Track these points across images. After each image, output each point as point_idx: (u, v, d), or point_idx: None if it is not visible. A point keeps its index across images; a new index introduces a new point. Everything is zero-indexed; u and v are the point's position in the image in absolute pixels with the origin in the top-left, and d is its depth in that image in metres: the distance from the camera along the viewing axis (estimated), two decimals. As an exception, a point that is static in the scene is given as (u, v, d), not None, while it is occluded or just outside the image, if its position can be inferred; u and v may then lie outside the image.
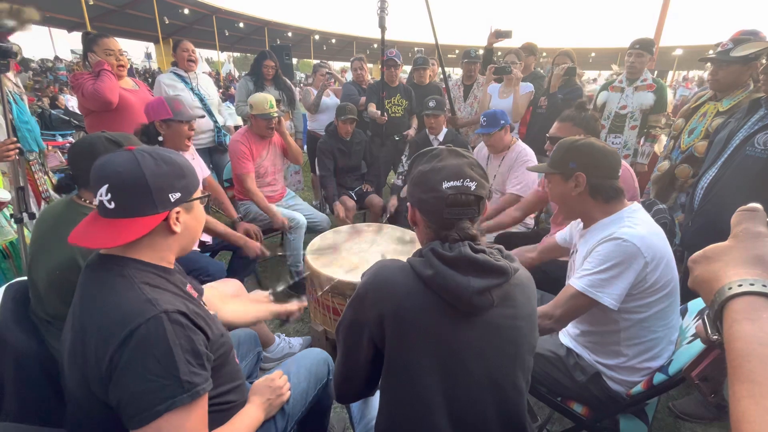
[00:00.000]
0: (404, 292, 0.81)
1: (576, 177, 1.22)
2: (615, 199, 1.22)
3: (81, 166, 1.28)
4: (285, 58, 4.88)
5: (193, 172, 0.91)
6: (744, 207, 0.48)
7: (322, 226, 2.73)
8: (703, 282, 0.47)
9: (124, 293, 0.78)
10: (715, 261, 0.46)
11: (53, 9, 15.89)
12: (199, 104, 3.08)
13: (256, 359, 1.44)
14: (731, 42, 1.98)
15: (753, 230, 0.45)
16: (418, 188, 0.86)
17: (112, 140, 1.28)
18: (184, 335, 0.77)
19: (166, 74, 3.16)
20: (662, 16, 6.88)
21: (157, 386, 0.72)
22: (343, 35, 33.75)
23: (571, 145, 1.25)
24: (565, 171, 1.24)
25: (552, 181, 1.31)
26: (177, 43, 3.11)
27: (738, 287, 0.40)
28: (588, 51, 31.65)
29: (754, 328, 0.37)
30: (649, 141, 2.87)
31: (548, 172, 1.30)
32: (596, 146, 1.22)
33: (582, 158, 1.22)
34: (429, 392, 0.81)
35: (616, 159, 1.22)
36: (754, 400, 0.33)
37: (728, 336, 0.39)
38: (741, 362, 0.36)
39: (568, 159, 1.24)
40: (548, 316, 1.20)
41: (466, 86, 3.51)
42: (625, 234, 1.13)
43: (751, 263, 0.43)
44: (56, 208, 1.30)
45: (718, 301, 0.42)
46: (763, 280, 0.40)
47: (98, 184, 0.81)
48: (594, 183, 1.21)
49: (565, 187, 1.26)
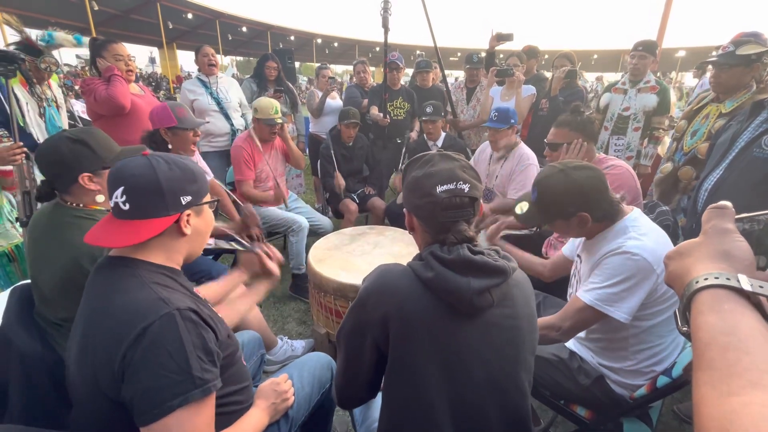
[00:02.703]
0: (406, 294, 0.82)
1: (579, 217, 1.17)
2: (614, 211, 1.20)
3: (52, 171, 1.23)
4: (287, 61, 4.90)
5: (203, 177, 0.94)
6: (714, 205, 0.50)
7: (324, 229, 2.74)
8: (676, 277, 0.49)
9: (136, 292, 0.79)
10: (687, 257, 0.48)
11: (59, 14, 16.04)
12: (216, 107, 3.12)
13: (260, 361, 1.45)
14: (732, 44, 1.97)
15: (721, 227, 0.47)
16: (412, 194, 0.87)
17: (75, 139, 1.21)
18: (195, 332, 0.79)
19: (190, 80, 3.24)
20: (665, 18, 6.88)
21: (170, 382, 0.73)
22: (345, 39, 33.91)
23: (556, 190, 1.18)
24: (565, 216, 1.19)
25: (555, 227, 1.27)
26: (198, 49, 3.19)
27: (704, 281, 0.43)
28: (590, 53, 31.65)
29: (716, 318, 0.39)
30: (652, 143, 2.86)
31: (548, 223, 1.25)
32: (579, 180, 1.15)
33: (576, 200, 1.16)
34: (431, 394, 0.81)
35: (600, 177, 1.17)
36: (712, 386, 0.35)
37: (693, 327, 0.41)
38: (703, 351, 0.38)
39: (564, 205, 1.18)
40: (555, 328, 1.20)
41: (469, 89, 3.52)
42: (635, 248, 1.11)
43: (717, 258, 0.45)
44: (45, 213, 1.26)
45: (687, 294, 0.44)
46: (726, 273, 0.42)
47: (114, 187, 0.84)
48: (598, 215, 1.18)
49: (569, 224, 1.21)
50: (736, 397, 0.33)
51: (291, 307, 2.58)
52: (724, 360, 0.36)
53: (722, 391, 0.34)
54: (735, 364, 0.35)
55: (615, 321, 1.14)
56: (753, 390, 0.32)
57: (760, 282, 0.40)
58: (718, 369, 0.36)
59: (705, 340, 0.39)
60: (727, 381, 0.34)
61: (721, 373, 0.35)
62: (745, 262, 0.44)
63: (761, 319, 0.39)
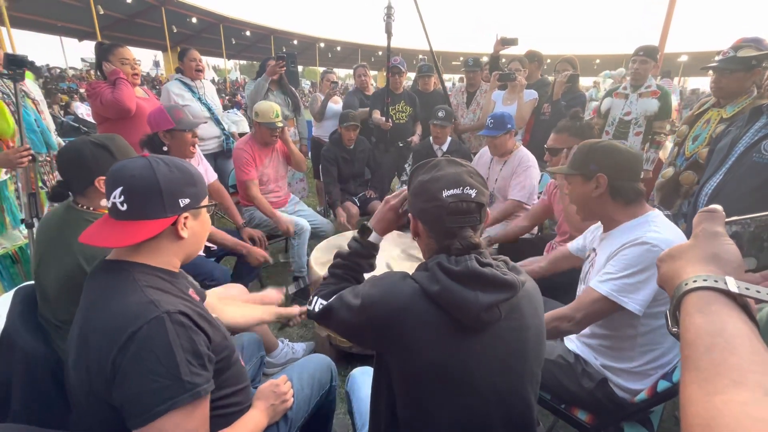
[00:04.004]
0: (411, 310, 0.79)
1: (597, 178, 1.21)
2: (636, 201, 1.21)
3: (71, 172, 1.27)
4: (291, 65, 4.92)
5: (202, 181, 0.95)
6: (705, 208, 0.51)
7: (326, 232, 2.75)
8: (667, 279, 0.50)
9: (128, 296, 0.79)
10: (678, 259, 0.49)
11: (65, 18, 16.25)
12: (208, 114, 3.12)
13: (260, 363, 1.45)
14: (732, 49, 1.98)
15: (710, 230, 0.48)
16: (418, 198, 0.86)
17: (97, 144, 1.26)
18: (185, 335, 0.78)
19: (172, 82, 3.10)
20: (667, 23, 6.90)
21: (158, 386, 0.73)
22: (348, 43, 34.06)
23: (593, 146, 1.25)
24: (585, 172, 1.24)
25: (572, 183, 1.30)
26: (184, 52, 3.08)
27: (693, 283, 0.44)
28: (593, 57, 31.68)
29: (703, 320, 0.40)
30: (653, 147, 2.86)
31: (569, 173, 1.30)
32: (618, 148, 1.22)
33: (603, 160, 1.21)
34: (434, 406, 0.80)
35: (638, 161, 1.22)
36: (698, 386, 0.36)
37: (682, 328, 0.42)
38: (690, 352, 0.39)
39: (590, 160, 1.23)
40: (568, 319, 1.18)
41: (469, 93, 3.55)
42: (654, 239, 1.11)
43: (707, 261, 0.46)
44: (57, 214, 1.30)
45: (677, 295, 0.45)
46: (715, 276, 0.43)
47: (113, 187, 0.84)
48: (615, 185, 1.20)
49: (585, 188, 1.25)
50: (719, 395, 0.33)
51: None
52: (710, 360, 0.36)
53: (707, 390, 0.34)
54: (720, 364, 0.36)
55: (626, 316, 1.13)
56: (735, 389, 0.33)
57: (746, 284, 0.41)
58: (704, 369, 0.36)
59: (692, 341, 0.39)
60: (713, 380, 0.35)
61: (707, 373, 0.36)
62: (733, 264, 0.45)
63: (747, 320, 0.39)
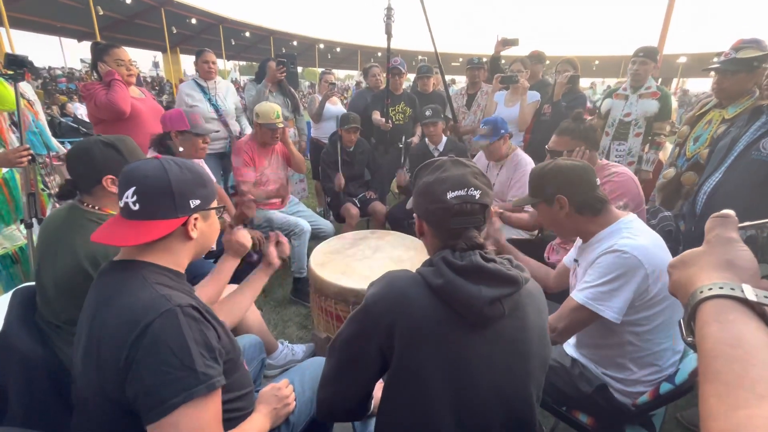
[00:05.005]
0: (415, 302, 0.80)
1: (558, 200, 1.24)
2: (603, 210, 1.23)
3: (79, 171, 1.29)
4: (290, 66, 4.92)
5: (213, 183, 0.96)
6: (717, 213, 0.49)
7: (326, 233, 2.74)
8: (680, 286, 0.49)
9: (138, 292, 0.80)
10: (691, 266, 0.48)
11: (64, 19, 16.21)
12: (215, 115, 3.14)
13: (261, 366, 1.44)
14: (732, 51, 1.99)
15: (724, 236, 0.47)
16: (423, 199, 0.87)
17: (107, 143, 1.28)
18: (197, 328, 0.79)
19: (187, 82, 3.22)
20: (666, 24, 6.91)
21: (173, 378, 0.73)
22: (348, 44, 34.11)
23: (541, 171, 1.30)
24: (546, 197, 1.28)
25: (539, 210, 1.34)
26: (199, 53, 3.15)
27: (708, 291, 0.42)
28: (592, 59, 31.75)
29: (720, 329, 0.39)
30: (653, 148, 2.86)
31: (531, 203, 1.34)
32: (564, 166, 1.25)
33: (555, 182, 1.24)
34: (435, 403, 0.80)
35: (588, 171, 1.24)
36: (719, 399, 0.35)
37: (698, 337, 0.41)
38: (709, 362, 0.38)
39: (545, 184, 1.27)
40: (551, 329, 1.19)
41: (470, 95, 3.55)
42: (626, 246, 1.13)
43: (722, 267, 0.44)
44: (60, 214, 1.31)
45: (691, 304, 0.44)
46: (731, 283, 0.41)
47: (126, 187, 0.85)
48: (576, 201, 1.23)
49: (551, 212, 1.28)
50: (743, 410, 0.32)
51: (292, 311, 2.58)
52: (730, 372, 0.35)
53: (729, 404, 0.33)
54: (741, 377, 0.34)
55: (607, 323, 1.14)
56: (759, 402, 0.32)
57: (764, 292, 0.40)
58: (724, 382, 0.35)
59: (710, 352, 0.38)
60: (734, 394, 0.34)
61: (727, 386, 0.35)
62: (750, 271, 0.43)
63: (766, 329, 0.38)
